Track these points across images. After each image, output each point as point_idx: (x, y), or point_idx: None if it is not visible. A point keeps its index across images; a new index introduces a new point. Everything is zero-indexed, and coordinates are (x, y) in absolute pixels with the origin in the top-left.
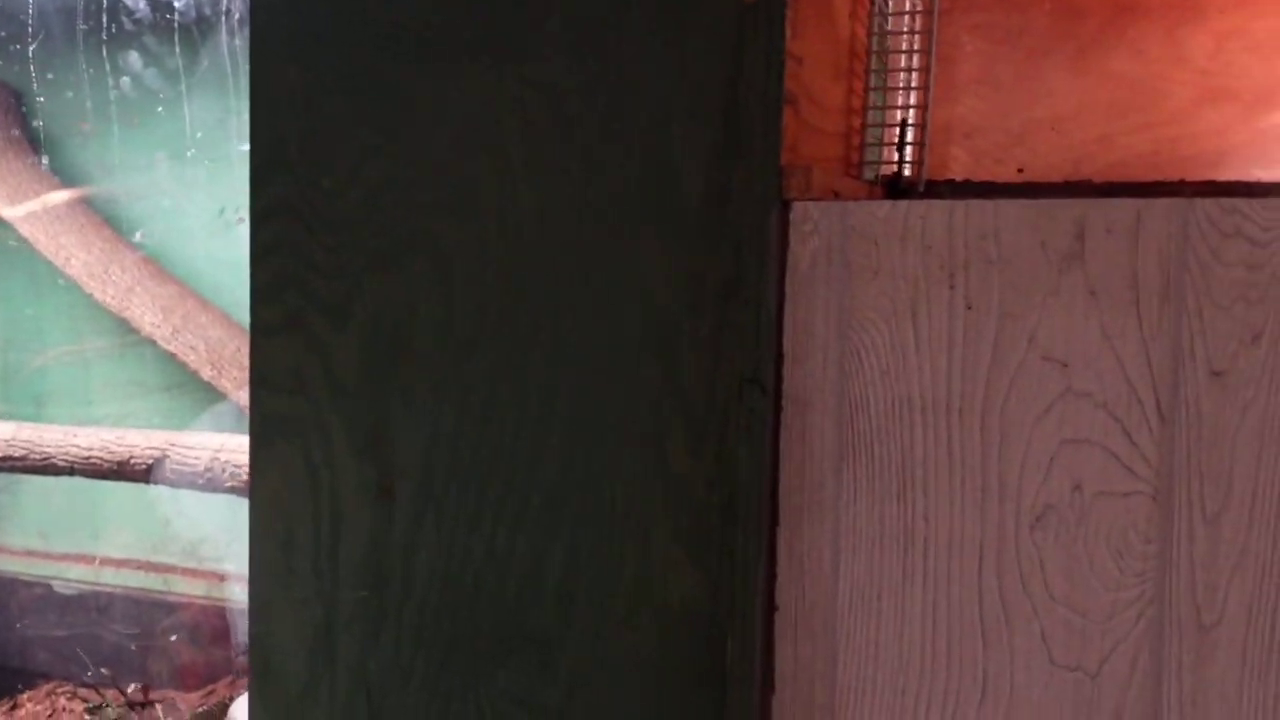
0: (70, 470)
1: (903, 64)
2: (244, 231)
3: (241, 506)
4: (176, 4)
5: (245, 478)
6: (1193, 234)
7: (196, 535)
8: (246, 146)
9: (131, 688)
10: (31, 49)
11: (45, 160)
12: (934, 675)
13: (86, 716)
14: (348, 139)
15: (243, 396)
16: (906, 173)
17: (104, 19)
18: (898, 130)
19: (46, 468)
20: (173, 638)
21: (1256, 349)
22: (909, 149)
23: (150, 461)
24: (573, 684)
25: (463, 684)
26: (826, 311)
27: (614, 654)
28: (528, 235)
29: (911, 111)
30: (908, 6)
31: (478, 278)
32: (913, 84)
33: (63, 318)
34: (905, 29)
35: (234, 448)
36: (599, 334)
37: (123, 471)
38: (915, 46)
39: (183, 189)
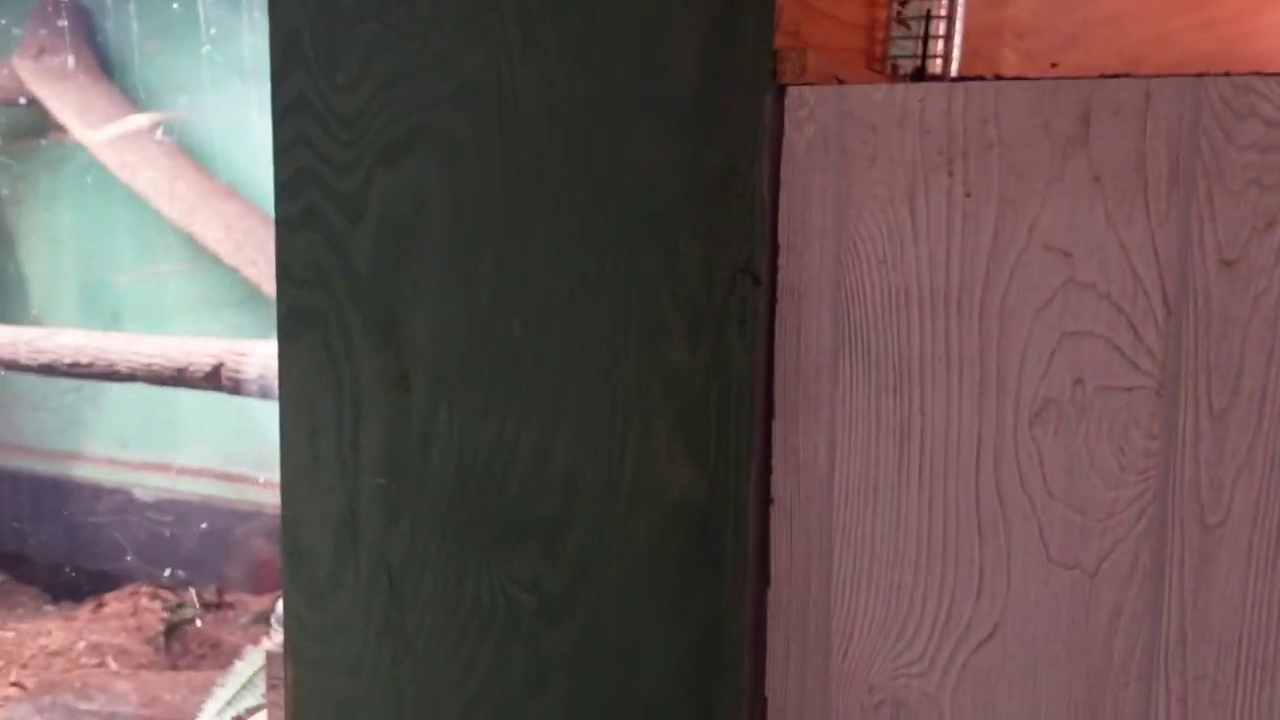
0: (133, 377)
1: None
2: None
3: None
4: None
5: None
6: (1204, 115)
7: (266, 447)
8: None
9: (207, 590)
10: None
11: (116, 81)
12: (929, 571)
13: (165, 615)
14: (357, 33)
15: None
16: (933, 69)
17: None
18: (923, 23)
19: (111, 374)
20: (245, 544)
21: (1270, 237)
22: (936, 43)
23: (207, 369)
24: (576, 571)
25: (475, 568)
26: (823, 200)
27: (614, 543)
28: (529, 127)
29: (939, 4)
30: None
31: (482, 171)
32: None
33: (133, 237)
34: None
35: None
36: (598, 226)
37: (182, 378)
38: None
39: (247, 109)
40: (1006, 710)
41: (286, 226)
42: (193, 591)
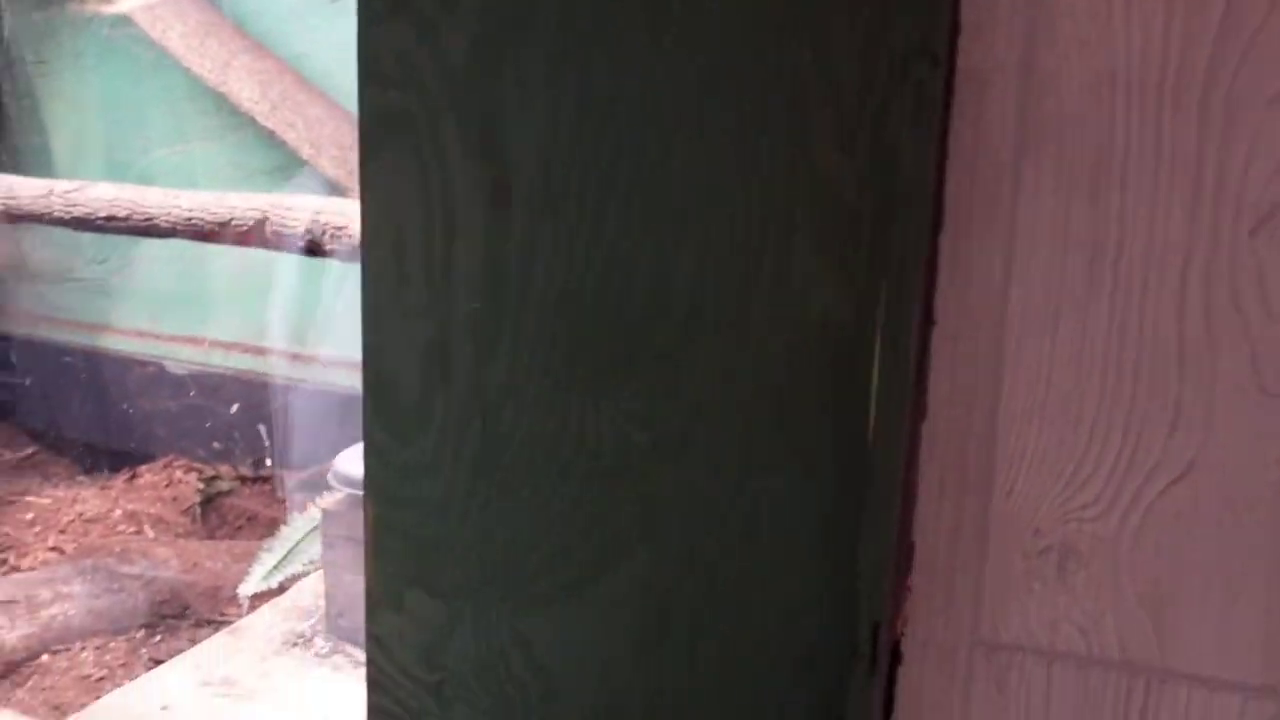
0: (173, 232)
1: None
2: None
3: (347, 277)
4: None
5: (344, 240)
6: None
7: (301, 319)
8: None
9: (242, 464)
10: None
11: None
12: (1115, 403)
13: (201, 487)
14: None
15: (338, 174)
16: None
17: None
18: None
19: (149, 229)
20: (280, 419)
21: None
22: None
23: (250, 223)
24: (697, 406)
25: (580, 402)
26: None
27: (744, 375)
28: None
29: None
30: None
31: None
32: None
33: (164, 101)
34: None
35: (333, 210)
36: (735, 8)
37: (224, 234)
38: None
39: None
40: (1195, 559)
41: (370, 19)
42: (228, 465)
